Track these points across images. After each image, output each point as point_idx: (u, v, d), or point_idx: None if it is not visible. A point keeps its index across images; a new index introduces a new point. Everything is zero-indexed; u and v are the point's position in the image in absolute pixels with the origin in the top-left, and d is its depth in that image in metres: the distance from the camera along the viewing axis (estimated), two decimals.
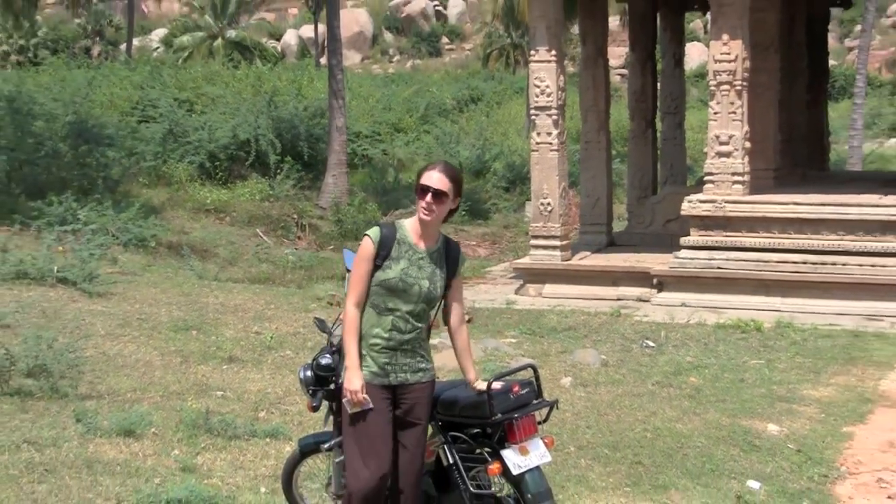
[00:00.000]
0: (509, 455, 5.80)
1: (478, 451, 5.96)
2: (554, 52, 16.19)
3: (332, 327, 6.44)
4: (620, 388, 10.80)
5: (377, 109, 34.09)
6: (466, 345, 6.06)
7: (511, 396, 5.91)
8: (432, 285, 5.83)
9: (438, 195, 5.74)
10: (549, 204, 16.45)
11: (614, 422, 9.60)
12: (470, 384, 5.97)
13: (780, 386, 11.00)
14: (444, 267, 5.90)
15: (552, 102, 16.24)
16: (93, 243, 16.12)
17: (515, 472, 5.78)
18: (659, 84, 20.00)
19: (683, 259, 15.58)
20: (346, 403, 5.77)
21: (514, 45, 47.65)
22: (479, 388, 5.91)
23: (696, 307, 14.88)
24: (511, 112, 41.59)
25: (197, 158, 24.82)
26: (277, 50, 62.30)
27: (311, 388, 6.29)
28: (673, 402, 10.31)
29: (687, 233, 15.74)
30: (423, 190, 5.75)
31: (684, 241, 15.69)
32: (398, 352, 5.82)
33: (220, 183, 24.60)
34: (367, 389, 5.72)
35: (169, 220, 21.01)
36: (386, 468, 5.77)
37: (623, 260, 16.76)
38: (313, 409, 6.35)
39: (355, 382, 5.71)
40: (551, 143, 16.35)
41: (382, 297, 5.80)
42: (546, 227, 16.52)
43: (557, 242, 16.47)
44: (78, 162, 21.71)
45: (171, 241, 19.51)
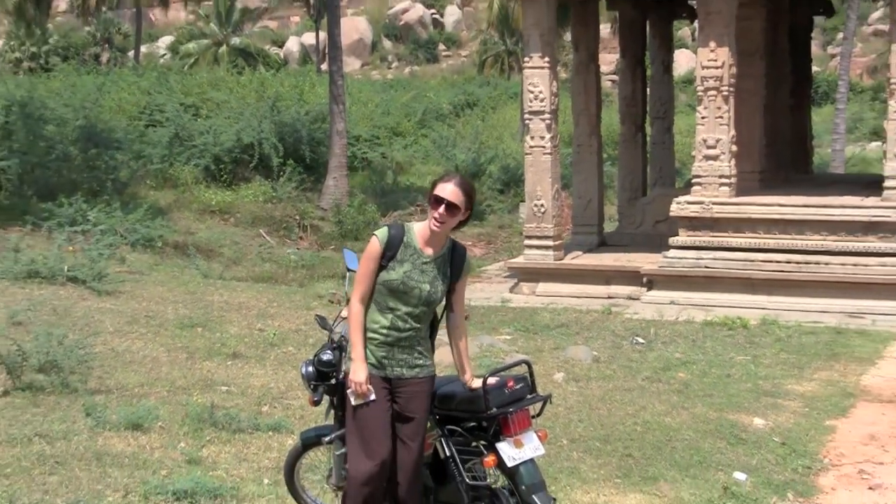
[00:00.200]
0: (504, 448, 5.80)
1: (474, 443, 5.96)
2: (547, 59, 16.19)
3: (332, 324, 6.43)
4: (611, 384, 10.80)
5: (376, 114, 34.04)
6: (464, 343, 6.06)
7: (506, 391, 5.91)
8: (433, 289, 5.82)
9: (451, 207, 5.72)
10: (542, 205, 16.45)
11: (605, 416, 9.60)
12: (465, 383, 5.98)
13: (766, 381, 11.01)
14: (447, 271, 5.89)
15: (545, 107, 16.24)
16: (102, 243, 16.13)
17: (510, 464, 5.78)
18: (648, 89, 20.00)
19: (672, 259, 15.59)
20: (350, 394, 5.79)
21: (508, 52, 47.70)
22: (474, 386, 5.92)
23: (684, 305, 14.89)
24: (506, 116, 41.56)
25: (202, 161, 24.79)
26: (280, 56, 62.31)
27: (313, 383, 6.28)
28: (662, 397, 10.31)
29: (675, 233, 15.75)
30: (438, 201, 5.73)
31: (673, 241, 15.70)
32: (395, 347, 5.82)
33: (225, 185, 24.58)
34: (370, 381, 5.75)
35: (175, 221, 21.00)
36: (384, 455, 5.77)
37: (614, 259, 16.77)
38: (314, 403, 6.35)
39: (360, 374, 5.73)
40: (544, 147, 16.36)
41: (384, 296, 5.80)
42: (539, 227, 16.52)
43: (550, 242, 16.47)
44: (87, 165, 21.70)
45: (178, 241, 19.48)
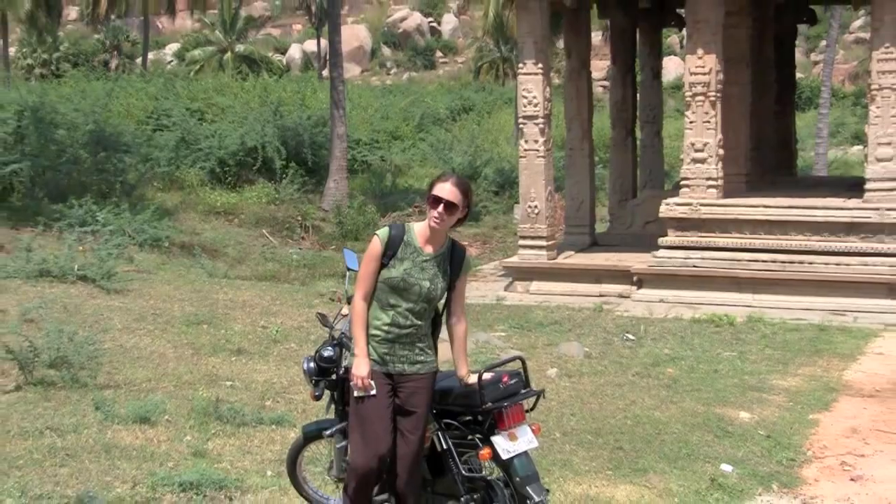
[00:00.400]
0: (499, 441, 5.80)
1: (469, 437, 5.95)
2: (541, 66, 16.19)
3: (333, 322, 6.44)
4: (602, 379, 10.81)
5: (376, 118, 34.05)
6: (462, 340, 6.05)
7: (501, 386, 5.91)
8: (433, 286, 5.82)
9: (450, 206, 5.74)
10: (536, 207, 16.45)
11: (597, 410, 9.61)
12: (461, 378, 5.98)
13: (751, 376, 11.02)
14: (447, 269, 5.89)
15: (539, 112, 16.24)
16: (111, 243, 16.11)
17: (505, 456, 5.78)
18: (638, 95, 19.98)
19: (661, 258, 15.59)
20: (353, 386, 5.80)
21: (503, 59, 47.56)
22: (470, 381, 5.92)
23: (673, 303, 14.89)
24: (501, 121, 41.54)
25: (207, 164, 24.78)
26: (283, 63, 62.19)
27: (314, 378, 6.30)
28: (651, 392, 10.32)
29: (664, 233, 15.74)
30: (436, 200, 5.74)
31: (662, 241, 15.69)
32: (396, 344, 5.82)
33: (229, 187, 24.57)
34: (372, 376, 5.76)
35: (181, 222, 20.98)
36: (383, 450, 5.78)
37: (605, 259, 16.76)
38: (316, 398, 6.37)
39: (363, 369, 5.74)
40: (538, 150, 16.35)
41: (385, 293, 5.81)
42: (533, 228, 16.52)
43: (544, 243, 16.47)
44: (97, 168, 21.68)
45: (184, 241, 19.47)
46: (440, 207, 5.73)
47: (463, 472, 5.94)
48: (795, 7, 21.06)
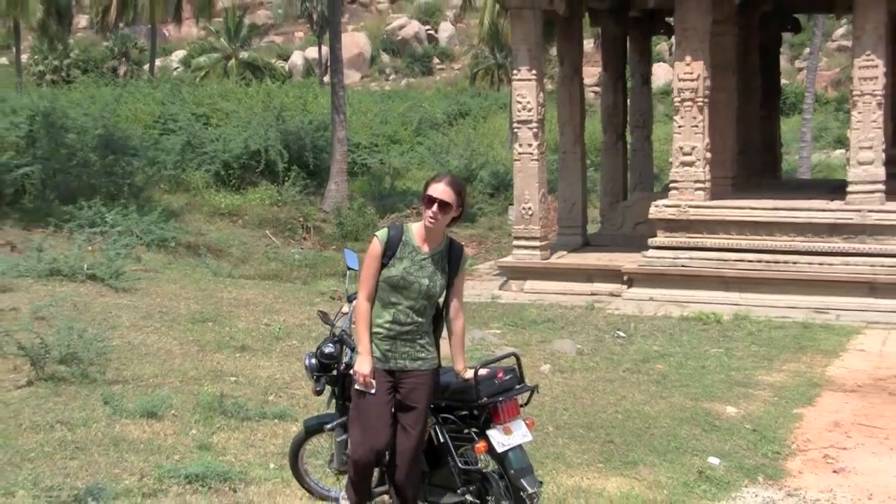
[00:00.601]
0: (494, 435, 5.80)
1: (466, 431, 5.96)
2: (534, 72, 16.19)
3: (334, 319, 6.44)
4: (594, 375, 10.80)
5: (375, 123, 34.01)
6: (460, 336, 6.04)
7: (496, 382, 5.92)
8: (432, 283, 5.82)
9: (443, 205, 5.73)
10: (530, 208, 16.45)
11: (589, 405, 9.60)
12: (457, 373, 5.97)
13: (738, 372, 11.02)
14: (445, 267, 5.89)
15: (533, 117, 16.23)
16: (119, 244, 16.09)
17: (500, 449, 5.79)
18: (629, 100, 20.00)
19: (651, 258, 15.59)
20: (355, 382, 5.81)
21: (498, 65, 47.60)
22: (466, 377, 5.92)
23: (662, 301, 14.89)
24: (496, 125, 41.54)
25: (212, 167, 24.78)
26: (285, 69, 62.12)
27: (316, 374, 6.30)
28: (641, 387, 10.31)
29: (654, 234, 15.75)
30: (430, 200, 5.73)
31: (652, 241, 15.70)
32: (398, 341, 5.82)
33: (234, 189, 24.57)
34: (374, 373, 5.77)
35: (187, 223, 20.98)
36: (380, 445, 5.79)
37: (597, 259, 16.76)
38: (317, 393, 6.37)
39: (365, 367, 5.75)
40: (532, 154, 16.35)
41: (386, 291, 5.81)
42: (527, 229, 16.51)
43: (537, 243, 16.46)
44: (106, 170, 21.68)
45: (190, 241, 19.46)
46: (434, 207, 5.72)
47: (459, 465, 5.95)
48: (780, 16, 21.10)
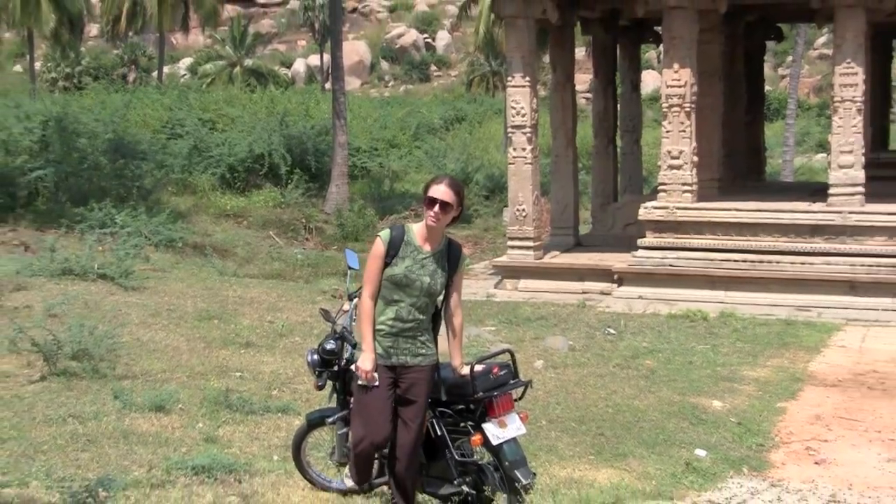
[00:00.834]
0: (489, 428, 5.80)
1: (462, 424, 5.95)
2: (528, 79, 16.18)
3: (335, 317, 6.44)
4: (586, 370, 10.80)
5: (375, 128, 34.01)
6: (458, 332, 6.04)
7: (491, 377, 5.91)
8: (433, 281, 5.82)
9: (445, 206, 5.74)
10: (523, 210, 16.44)
11: (580, 399, 9.60)
12: (454, 368, 5.97)
13: (724, 367, 11.03)
14: (445, 265, 5.89)
15: (526, 122, 16.23)
16: (128, 244, 16.09)
17: (495, 442, 5.78)
18: (619, 106, 19.98)
19: (640, 258, 15.59)
20: (357, 376, 5.81)
21: (493, 72, 47.54)
22: (463, 372, 5.92)
23: (651, 299, 14.90)
24: (491, 130, 41.54)
25: (218, 170, 24.79)
26: (288, 76, 62.10)
27: (318, 369, 6.30)
28: (631, 382, 10.31)
29: (643, 235, 15.75)
30: (432, 201, 5.74)
31: (641, 242, 15.70)
32: (400, 337, 5.81)
33: (239, 192, 24.57)
34: (376, 369, 5.77)
35: (194, 224, 20.97)
36: (379, 439, 5.81)
37: (588, 258, 16.76)
38: (319, 388, 6.37)
39: (368, 364, 5.75)
40: (526, 157, 16.34)
41: (389, 289, 5.80)
42: (521, 230, 16.51)
43: (531, 243, 16.46)
44: (116, 173, 21.68)
45: (196, 242, 19.45)
46: (436, 207, 5.73)
47: (456, 457, 5.95)
48: (764, 25, 21.11)
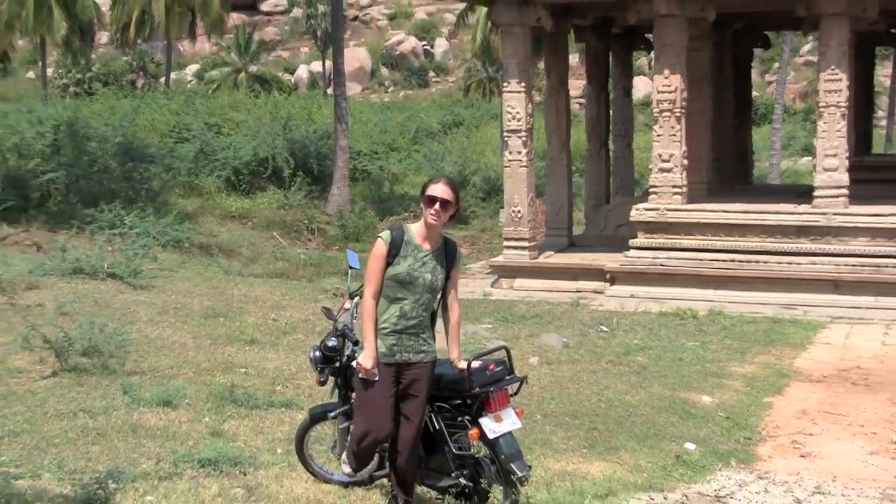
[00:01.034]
0: (486, 422, 5.80)
1: (459, 419, 5.96)
2: (523, 85, 16.18)
3: (337, 315, 6.44)
4: (579, 366, 10.80)
5: (375, 132, 34.01)
6: (456, 326, 6.05)
7: (487, 373, 5.92)
8: (434, 277, 5.84)
9: (444, 203, 5.77)
10: (519, 211, 16.44)
11: (574, 394, 9.60)
12: (453, 361, 5.97)
13: (712, 364, 11.03)
14: (443, 262, 5.91)
15: (522, 126, 16.23)
16: (137, 244, 16.09)
17: (491, 436, 5.79)
18: (611, 111, 19.99)
19: (632, 258, 15.60)
20: (357, 373, 5.83)
21: (489, 78, 47.49)
22: (460, 366, 5.92)
23: (642, 298, 14.90)
24: (487, 134, 41.52)
25: (224, 173, 24.77)
26: (291, 82, 61.99)
27: (320, 365, 6.30)
28: (623, 378, 10.32)
29: (635, 235, 15.75)
30: (432, 200, 5.77)
31: (632, 242, 15.70)
32: (404, 335, 5.82)
33: (243, 193, 24.55)
34: (378, 367, 5.78)
35: (200, 225, 20.96)
36: (382, 435, 5.82)
37: (581, 258, 16.76)
38: (321, 383, 6.37)
39: (369, 362, 5.76)
40: (521, 161, 16.35)
41: (393, 288, 5.81)
42: (517, 230, 16.51)
43: (526, 244, 16.46)
44: (125, 176, 21.68)
45: (202, 242, 19.44)
46: (436, 205, 5.77)
47: (454, 451, 5.95)
48: (751, 33, 21.14)
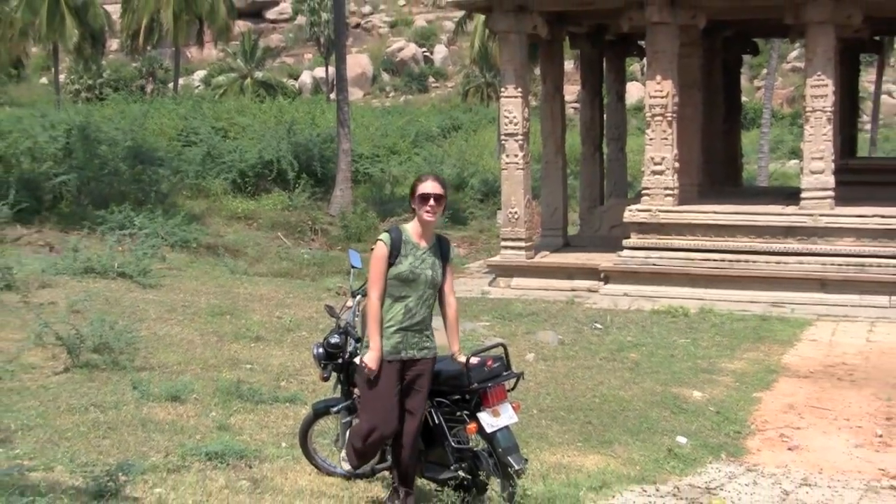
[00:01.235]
0: (484, 417, 5.80)
1: (458, 413, 5.96)
2: (520, 90, 16.18)
3: (339, 313, 6.43)
4: (574, 362, 10.80)
5: (376, 136, 33.96)
6: (454, 320, 6.06)
7: (485, 369, 5.92)
8: (434, 273, 5.86)
9: (438, 198, 5.81)
10: (516, 212, 16.44)
11: (569, 389, 9.60)
12: (453, 354, 5.98)
13: (703, 360, 11.03)
14: (439, 258, 5.94)
15: (518, 130, 16.23)
16: (146, 244, 16.11)
17: (489, 430, 5.79)
18: (605, 115, 19.99)
19: (625, 257, 15.60)
20: (361, 370, 5.83)
21: (487, 84, 47.46)
22: (461, 359, 5.92)
23: (635, 297, 14.90)
24: (485, 138, 41.51)
25: (230, 175, 24.74)
26: (295, 87, 61.93)
27: (323, 362, 6.31)
28: (616, 374, 10.32)
29: (628, 236, 15.76)
30: (426, 197, 5.79)
31: (626, 242, 15.71)
32: (409, 332, 5.82)
33: (249, 195, 24.53)
34: (382, 365, 5.78)
35: (207, 226, 20.94)
36: (388, 432, 5.83)
37: (576, 258, 16.76)
38: (324, 379, 6.37)
39: (374, 362, 5.75)
40: (518, 163, 16.34)
41: (396, 287, 5.81)
42: (514, 231, 16.51)
43: (523, 244, 16.45)
44: (134, 179, 21.66)
45: (209, 242, 19.43)
46: (431, 201, 5.80)
47: (452, 444, 5.95)
48: (740, 40, 21.14)
